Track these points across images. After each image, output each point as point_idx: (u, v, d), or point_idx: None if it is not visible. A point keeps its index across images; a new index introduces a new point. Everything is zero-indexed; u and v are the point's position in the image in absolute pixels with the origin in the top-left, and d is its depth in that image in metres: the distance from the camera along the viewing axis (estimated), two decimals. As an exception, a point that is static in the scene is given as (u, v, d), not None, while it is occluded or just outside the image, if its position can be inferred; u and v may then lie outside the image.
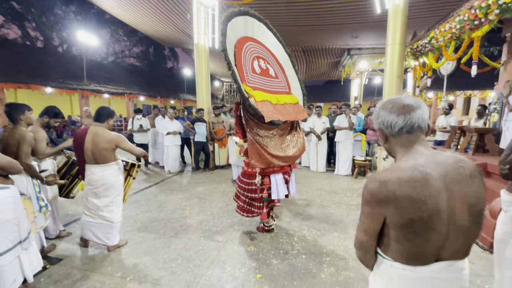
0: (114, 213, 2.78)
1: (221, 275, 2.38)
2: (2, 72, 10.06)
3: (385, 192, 0.83)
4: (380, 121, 0.96)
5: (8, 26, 17.98)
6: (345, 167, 6.10)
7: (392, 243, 0.90)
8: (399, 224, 0.85)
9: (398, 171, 0.85)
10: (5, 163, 1.94)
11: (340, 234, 3.16)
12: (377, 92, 20.69)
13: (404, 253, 0.88)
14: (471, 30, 3.81)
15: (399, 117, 0.90)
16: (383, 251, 0.95)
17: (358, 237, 0.97)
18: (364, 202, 0.91)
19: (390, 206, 0.84)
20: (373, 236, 0.94)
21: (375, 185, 0.86)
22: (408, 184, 0.82)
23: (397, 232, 0.87)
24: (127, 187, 3.15)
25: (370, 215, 0.90)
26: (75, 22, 19.94)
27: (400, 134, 0.92)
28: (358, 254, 1.02)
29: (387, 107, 0.94)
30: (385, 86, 5.78)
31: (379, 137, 1.03)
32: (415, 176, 0.82)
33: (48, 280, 2.31)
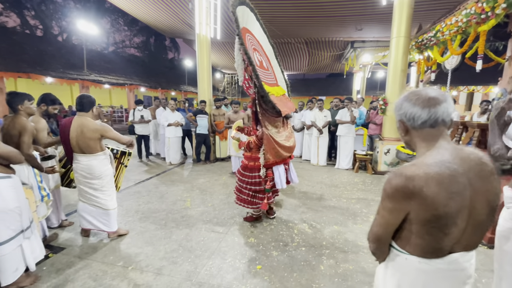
0: (107, 201, 2.79)
1: (222, 265, 2.40)
2: (1, 60, 9.97)
3: (411, 188, 0.82)
4: (402, 113, 0.94)
5: (6, 14, 17.72)
6: (346, 161, 6.10)
7: (412, 237, 0.89)
8: (423, 219, 0.84)
9: (425, 167, 0.83)
10: (6, 152, 1.94)
11: (340, 227, 3.18)
12: (380, 86, 20.53)
13: (423, 247, 0.89)
14: (478, 24, 3.75)
15: (424, 110, 0.88)
16: (398, 244, 0.95)
17: (375, 231, 0.96)
18: (386, 197, 0.89)
19: (416, 202, 0.82)
20: (391, 230, 0.93)
21: (400, 180, 0.84)
22: (435, 180, 0.80)
23: (420, 227, 0.86)
24: (119, 174, 3.20)
25: (393, 210, 0.88)
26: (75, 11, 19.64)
27: (422, 127, 0.90)
28: (372, 247, 1.01)
29: (411, 98, 0.91)
30: (388, 80, 5.73)
31: (398, 129, 1.00)
32: (443, 172, 0.81)
33: (51, 269, 2.33)
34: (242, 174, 3.15)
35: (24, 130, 2.35)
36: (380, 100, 5.79)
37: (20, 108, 2.46)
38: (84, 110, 2.65)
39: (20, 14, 18.11)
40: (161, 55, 27.65)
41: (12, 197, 1.98)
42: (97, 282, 2.18)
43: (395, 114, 0.99)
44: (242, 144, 3.07)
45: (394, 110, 0.99)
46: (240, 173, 3.18)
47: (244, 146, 3.08)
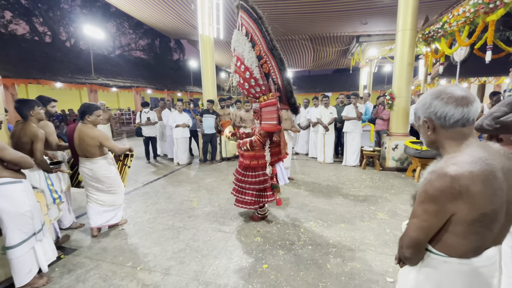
0: (115, 200, 3.03)
1: (228, 265, 2.42)
2: (12, 67, 10.25)
3: (458, 188, 0.79)
4: (431, 111, 0.90)
5: (16, 22, 18.20)
6: (353, 158, 6.03)
7: (452, 238, 0.87)
8: (470, 219, 0.82)
9: (467, 165, 0.81)
10: (17, 158, 2.00)
11: (347, 225, 3.16)
12: (387, 81, 20.19)
13: (465, 247, 0.87)
14: (486, 13, 3.63)
15: (457, 109, 0.85)
16: (434, 246, 0.93)
17: (413, 236, 0.92)
18: (429, 200, 0.85)
19: (463, 202, 0.80)
20: (432, 234, 0.90)
21: (445, 180, 0.80)
22: (480, 178, 0.79)
23: (465, 228, 0.84)
24: (123, 175, 3.30)
25: (437, 212, 0.85)
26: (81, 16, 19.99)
27: (453, 126, 0.88)
28: (408, 253, 0.95)
29: (442, 97, 0.88)
30: (394, 74, 5.63)
31: (421, 127, 0.97)
32: (486, 169, 0.80)
33: (63, 270, 2.40)
34: (243, 175, 3.10)
35: (36, 138, 2.44)
36: (387, 95, 5.70)
37: (32, 114, 2.56)
38: (82, 119, 2.81)
39: (29, 22, 18.56)
40: (166, 57, 27.90)
41: (23, 200, 2.04)
42: (107, 282, 2.23)
43: (419, 111, 0.95)
44: (244, 144, 3.00)
45: (419, 107, 0.95)
46: (241, 173, 3.12)
47: (247, 146, 2.99)
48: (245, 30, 2.69)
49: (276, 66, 2.74)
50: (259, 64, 2.71)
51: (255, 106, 3.13)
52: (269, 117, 2.79)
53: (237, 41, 2.76)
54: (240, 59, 2.75)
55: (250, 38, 2.66)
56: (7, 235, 1.98)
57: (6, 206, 1.94)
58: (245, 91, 2.96)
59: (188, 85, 23.27)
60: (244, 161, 3.09)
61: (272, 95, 2.75)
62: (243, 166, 3.11)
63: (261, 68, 2.74)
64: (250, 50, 2.66)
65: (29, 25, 18.66)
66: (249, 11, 2.62)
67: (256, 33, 2.63)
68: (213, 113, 6.35)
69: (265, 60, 2.70)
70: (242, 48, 2.71)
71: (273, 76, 2.79)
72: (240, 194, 3.16)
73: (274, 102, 2.73)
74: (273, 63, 2.72)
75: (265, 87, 2.83)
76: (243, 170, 3.11)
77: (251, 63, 2.67)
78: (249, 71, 2.70)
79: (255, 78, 2.73)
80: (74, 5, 20.78)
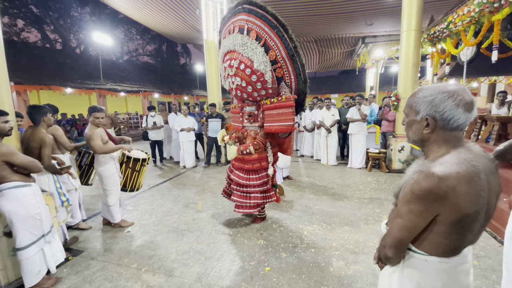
0: (107, 197, 3.21)
1: (231, 267, 2.44)
2: (25, 74, 10.58)
3: (444, 189, 0.78)
4: (439, 111, 0.85)
5: (28, 30, 18.76)
6: (358, 160, 5.99)
7: (434, 238, 0.88)
8: (454, 220, 0.82)
9: (454, 166, 0.80)
10: (26, 162, 2.08)
11: (351, 228, 3.14)
12: (394, 81, 19.94)
13: (446, 247, 0.88)
14: (491, 13, 3.58)
15: (464, 114, 0.83)
16: (416, 246, 0.93)
17: (398, 236, 0.91)
18: (415, 200, 0.83)
19: (448, 203, 0.80)
20: (416, 234, 0.90)
21: (432, 181, 0.79)
22: (466, 179, 0.79)
23: (448, 228, 0.84)
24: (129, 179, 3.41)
25: (423, 213, 0.84)
26: (91, 23, 20.49)
27: (454, 130, 0.86)
28: (391, 253, 0.95)
29: (455, 98, 0.83)
30: (400, 75, 5.59)
31: (415, 122, 0.92)
32: (471, 170, 0.80)
33: (70, 271, 2.46)
34: (247, 179, 3.06)
35: (44, 143, 2.54)
36: (392, 96, 5.65)
37: (44, 120, 2.70)
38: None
39: (41, 29, 19.12)
40: (173, 61, 28.28)
41: (32, 203, 2.11)
42: (112, 283, 2.28)
43: (421, 106, 0.89)
44: (245, 147, 2.98)
45: (422, 102, 0.89)
46: (244, 178, 3.07)
47: (250, 149, 2.96)
48: (256, 34, 2.69)
49: (293, 71, 2.79)
50: (272, 69, 2.75)
51: (249, 109, 3.15)
52: (283, 118, 2.83)
53: (242, 44, 2.74)
54: (245, 63, 2.73)
55: (264, 43, 2.68)
56: (17, 237, 2.05)
57: (16, 209, 2.02)
58: (244, 94, 2.97)
59: (194, 88, 23.52)
60: (245, 165, 3.08)
61: (288, 97, 2.77)
62: (247, 170, 3.09)
63: (274, 73, 2.79)
64: (263, 55, 2.69)
65: (41, 33, 19.22)
66: (265, 17, 2.63)
67: (272, 39, 2.66)
68: (216, 116, 6.39)
69: (281, 65, 2.75)
70: (250, 52, 2.70)
71: (287, 80, 2.84)
72: (244, 199, 3.10)
73: (292, 104, 2.76)
74: (290, 69, 2.78)
75: (273, 90, 2.87)
76: (247, 174, 3.08)
77: (264, 67, 2.69)
78: (257, 74, 2.72)
79: (264, 81, 2.76)
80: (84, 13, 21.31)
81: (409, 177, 0.89)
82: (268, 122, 2.97)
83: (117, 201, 3.26)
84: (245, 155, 3.04)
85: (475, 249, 2.63)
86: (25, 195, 2.07)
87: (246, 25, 2.73)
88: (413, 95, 0.94)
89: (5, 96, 2.31)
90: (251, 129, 3.22)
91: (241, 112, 3.29)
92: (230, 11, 2.97)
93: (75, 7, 20.18)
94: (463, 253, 0.91)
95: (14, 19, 17.77)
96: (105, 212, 3.29)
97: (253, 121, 3.18)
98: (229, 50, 2.90)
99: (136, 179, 3.42)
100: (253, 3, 2.68)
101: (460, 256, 0.91)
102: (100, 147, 3.00)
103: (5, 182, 2.02)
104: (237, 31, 2.81)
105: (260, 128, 3.15)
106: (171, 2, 8.57)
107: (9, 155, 2.00)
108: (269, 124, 2.96)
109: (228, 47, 2.90)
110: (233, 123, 3.68)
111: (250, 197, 3.10)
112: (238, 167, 3.16)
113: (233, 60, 2.81)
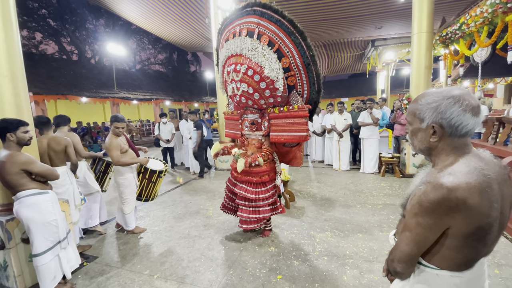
0: (124, 206, 3.26)
1: (242, 275, 2.42)
2: (43, 85, 11.04)
3: (454, 201, 0.74)
4: (446, 117, 0.80)
5: (46, 42, 19.66)
6: (371, 165, 5.87)
7: (446, 252, 0.83)
8: (465, 233, 0.78)
9: (464, 175, 0.76)
10: (44, 170, 2.15)
11: (365, 235, 3.06)
12: (406, 84, 19.59)
13: (458, 261, 0.83)
14: (504, 13, 3.49)
15: (472, 118, 0.79)
16: (427, 260, 0.89)
17: (406, 251, 0.87)
18: (424, 213, 0.79)
19: (459, 215, 0.75)
20: (426, 248, 0.85)
21: (442, 192, 0.75)
22: (477, 190, 0.74)
23: (460, 241, 0.80)
24: (145, 188, 3.45)
25: (433, 226, 0.79)
26: (105, 35, 21.27)
27: (463, 136, 0.81)
28: (400, 268, 0.90)
29: (461, 103, 0.79)
30: (412, 78, 5.48)
31: (420, 130, 0.88)
32: (483, 180, 0.75)
33: (85, 277, 2.51)
34: (256, 193, 2.87)
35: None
36: (404, 99, 5.54)
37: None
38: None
39: (58, 42, 19.98)
40: (183, 69, 28.86)
41: (49, 210, 2.17)
42: (125, 290, 2.30)
43: (425, 113, 0.85)
44: (254, 160, 2.77)
45: (426, 109, 0.84)
46: (253, 192, 2.86)
47: (259, 160, 2.79)
48: (268, 39, 2.50)
49: (307, 81, 2.63)
50: (284, 76, 2.58)
51: (252, 117, 2.96)
52: (295, 129, 2.66)
53: (252, 49, 2.53)
54: (254, 68, 2.53)
55: (276, 49, 2.51)
56: (34, 243, 2.10)
57: (33, 216, 2.08)
58: (249, 101, 2.80)
59: (204, 95, 23.87)
60: (253, 178, 2.89)
61: (301, 107, 2.60)
62: (255, 183, 2.90)
63: (285, 80, 2.61)
64: (276, 61, 2.51)
65: (58, 45, 20.08)
66: (281, 22, 2.45)
67: (287, 46, 2.49)
68: None
69: (294, 74, 2.59)
70: (261, 58, 2.51)
71: (299, 89, 2.68)
72: (253, 214, 2.89)
73: (306, 115, 2.60)
74: (303, 77, 2.62)
75: (282, 99, 2.71)
76: (254, 187, 2.89)
77: (275, 74, 2.52)
78: (266, 81, 2.55)
79: (273, 89, 2.60)
80: (99, 25, 22.17)
81: (416, 187, 0.85)
82: (276, 132, 2.80)
83: (132, 209, 3.32)
84: (253, 168, 2.84)
85: (495, 257, 2.51)
86: (42, 202, 2.14)
87: (257, 29, 2.52)
88: (415, 101, 0.90)
89: (25, 106, 2.41)
90: (253, 137, 3.02)
91: (241, 119, 3.09)
92: (235, 12, 2.77)
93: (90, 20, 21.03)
94: (477, 266, 0.86)
95: (32, 32, 18.67)
96: (120, 218, 3.35)
97: (255, 130, 2.99)
98: (234, 53, 2.66)
99: (152, 189, 3.48)
100: (268, 7, 2.49)
101: (474, 270, 0.85)
102: (117, 159, 3.05)
103: (24, 189, 2.09)
104: (245, 34, 2.58)
105: (264, 137, 2.97)
106: (181, 12, 8.79)
107: (27, 163, 2.08)
108: (276, 134, 2.79)
109: (233, 50, 2.67)
110: (228, 130, 3.41)
111: (259, 212, 2.89)
112: (245, 180, 2.92)
113: (239, 65, 2.61)
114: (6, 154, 2.04)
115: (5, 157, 2.03)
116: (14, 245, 2.26)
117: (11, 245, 2.24)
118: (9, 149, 2.07)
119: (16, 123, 2.08)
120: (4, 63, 2.24)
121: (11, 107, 2.29)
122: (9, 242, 2.23)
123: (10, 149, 2.08)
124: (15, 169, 2.03)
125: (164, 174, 3.49)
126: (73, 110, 14.99)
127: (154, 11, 8.96)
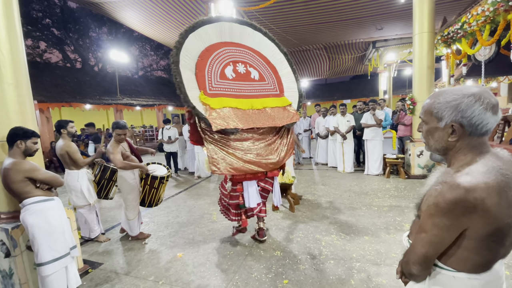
0: (127, 211, 3.28)
1: (248, 280, 2.39)
2: (47, 93, 11.16)
3: (472, 201, 0.72)
4: (466, 116, 0.78)
5: (50, 51, 19.93)
6: (375, 166, 5.82)
7: (463, 253, 0.81)
8: (483, 234, 0.76)
9: (482, 175, 0.74)
10: (48, 177, 2.16)
11: (371, 238, 3.02)
12: (408, 84, 19.52)
13: (476, 262, 0.81)
14: (506, 11, 3.46)
15: (493, 117, 0.77)
16: (443, 262, 0.87)
17: (423, 253, 0.85)
18: (440, 213, 0.77)
19: (477, 216, 0.73)
20: (442, 250, 0.83)
21: (459, 192, 0.73)
22: (496, 190, 0.72)
23: (477, 243, 0.78)
24: (148, 194, 3.41)
25: (449, 227, 0.78)
26: (108, 42, 21.50)
27: (482, 135, 0.79)
28: (415, 270, 0.88)
29: (482, 101, 0.76)
30: (414, 78, 5.46)
31: (438, 129, 0.85)
32: (501, 180, 0.74)
33: (90, 284, 2.49)
34: (221, 185, 3.20)
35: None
36: (407, 100, 5.51)
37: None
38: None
39: (62, 50, 20.25)
40: (185, 74, 29.00)
41: (55, 218, 2.17)
42: (130, 297, 2.28)
43: (444, 112, 0.81)
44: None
45: (445, 108, 0.81)
46: (221, 184, 3.21)
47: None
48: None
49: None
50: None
51: None
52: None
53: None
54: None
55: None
56: (38, 252, 2.09)
57: (38, 223, 2.07)
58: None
59: (206, 100, 23.92)
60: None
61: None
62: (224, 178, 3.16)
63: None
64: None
65: (62, 53, 20.35)
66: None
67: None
68: None
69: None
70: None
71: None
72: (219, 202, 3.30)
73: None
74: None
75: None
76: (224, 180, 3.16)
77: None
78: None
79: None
80: (101, 33, 22.44)
81: (431, 187, 0.83)
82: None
83: (136, 215, 3.31)
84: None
85: (509, 257, 2.45)
86: (47, 209, 2.14)
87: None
88: (431, 99, 0.87)
89: (29, 115, 2.43)
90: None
91: None
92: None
93: (93, 28, 21.30)
94: (495, 268, 0.83)
95: (37, 41, 18.94)
96: (124, 223, 3.35)
97: None
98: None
99: (155, 195, 3.45)
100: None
101: (492, 272, 0.83)
102: (120, 162, 3.07)
103: (29, 197, 2.09)
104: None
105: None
106: (183, 19, 8.87)
107: (31, 171, 2.09)
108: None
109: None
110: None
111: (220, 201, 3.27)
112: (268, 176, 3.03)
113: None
114: (11, 162, 2.05)
115: (9, 165, 2.04)
116: (19, 252, 2.25)
117: (16, 253, 2.23)
118: (14, 157, 2.08)
119: (30, 133, 2.14)
120: (9, 71, 2.26)
121: (16, 115, 2.30)
122: (14, 249, 2.22)
123: (14, 157, 2.09)
124: (20, 177, 2.04)
125: (167, 180, 3.47)
126: (77, 117, 15.08)
127: (156, 18, 9.06)
